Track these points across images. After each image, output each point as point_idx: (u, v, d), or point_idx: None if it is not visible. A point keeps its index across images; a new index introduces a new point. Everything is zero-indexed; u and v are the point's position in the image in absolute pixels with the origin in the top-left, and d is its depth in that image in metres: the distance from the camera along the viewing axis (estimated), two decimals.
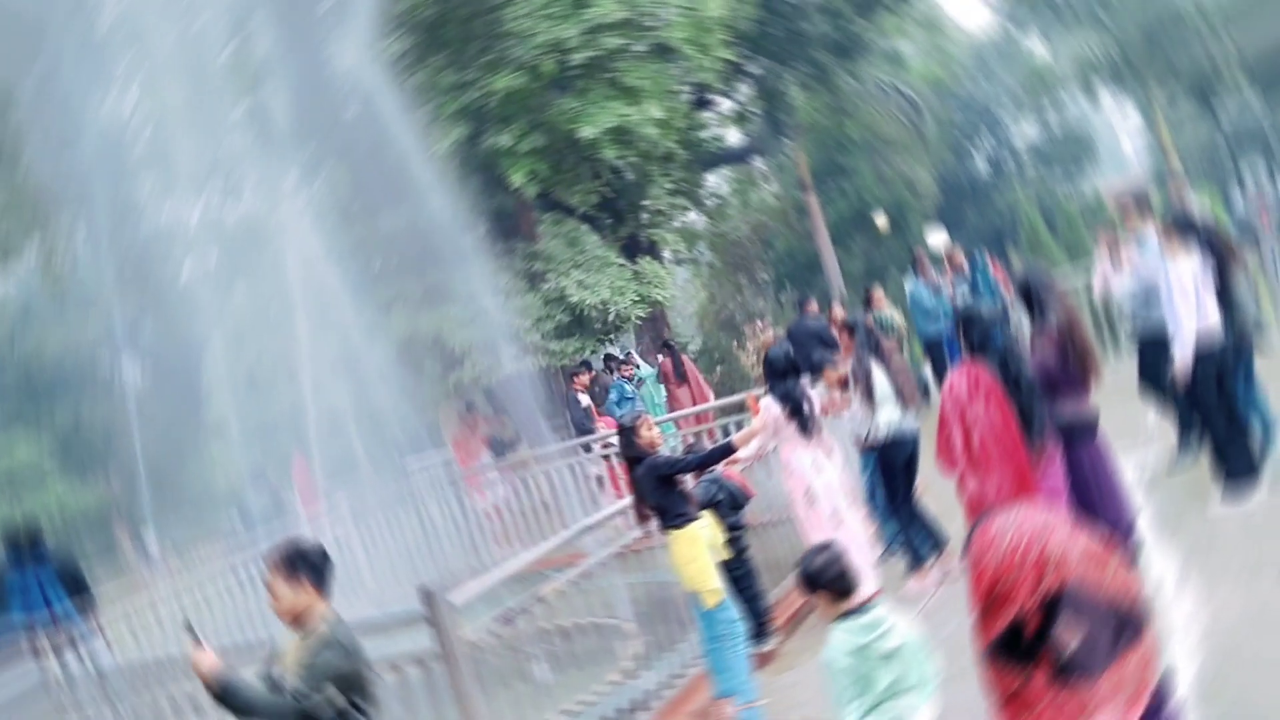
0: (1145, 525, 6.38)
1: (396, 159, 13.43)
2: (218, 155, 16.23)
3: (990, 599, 1.55)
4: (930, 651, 3.70)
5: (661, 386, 14.03)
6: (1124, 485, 6.24)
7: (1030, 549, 1.55)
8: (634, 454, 5.70)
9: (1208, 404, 6.97)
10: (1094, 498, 5.77)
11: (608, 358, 17.52)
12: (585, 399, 15.09)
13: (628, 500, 7.21)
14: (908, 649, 3.60)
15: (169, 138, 14.46)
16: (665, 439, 8.90)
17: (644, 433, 5.71)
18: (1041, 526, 1.61)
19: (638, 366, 14.20)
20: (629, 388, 13.80)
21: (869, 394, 6.90)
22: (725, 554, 5.88)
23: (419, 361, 14.08)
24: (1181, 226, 7.11)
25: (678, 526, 5.66)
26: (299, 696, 3.56)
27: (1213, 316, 6.94)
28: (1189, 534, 6.50)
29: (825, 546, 3.81)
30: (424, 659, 4.94)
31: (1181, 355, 6.97)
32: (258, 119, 15.24)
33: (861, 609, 3.67)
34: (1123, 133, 64.15)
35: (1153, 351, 7.72)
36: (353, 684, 3.66)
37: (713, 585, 5.59)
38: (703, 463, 5.78)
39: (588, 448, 11.61)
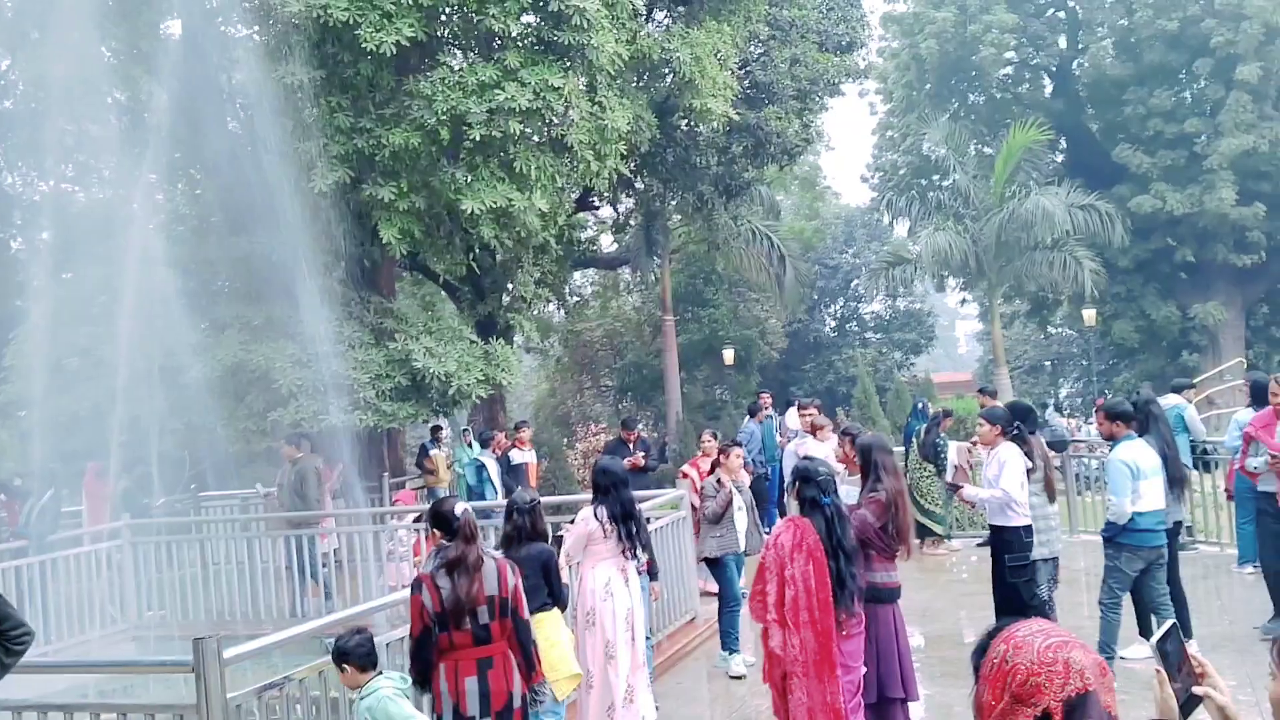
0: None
1: (268, 184, 13.06)
2: (83, 135, 15.49)
3: (1019, 694, 1.71)
4: None
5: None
6: (910, 654, 6.49)
7: (1060, 652, 1.75)
8: (526, 535, 5.79)
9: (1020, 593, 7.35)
10: (889, 660, 5.94)
11: (434, 428, 17.25)
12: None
13: None
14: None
15: (38, 107, 13.73)
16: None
17: (542, 518, 5.89)
18: (1066, 637, 1.81)
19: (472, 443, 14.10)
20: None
21: None
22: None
23: (242, 392, 13.51)
24: (1005, 423, 7.57)
25: (546, 609, 5.76)
26: None
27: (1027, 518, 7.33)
28: None
29: (359, 630, 4.81)
30: (181, 711, 4.64)
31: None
32: (134, 108, 14.64)
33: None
34: (961, 327, 68.37)
35: None
36: None
37: (574, 670, 5.77)
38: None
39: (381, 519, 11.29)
